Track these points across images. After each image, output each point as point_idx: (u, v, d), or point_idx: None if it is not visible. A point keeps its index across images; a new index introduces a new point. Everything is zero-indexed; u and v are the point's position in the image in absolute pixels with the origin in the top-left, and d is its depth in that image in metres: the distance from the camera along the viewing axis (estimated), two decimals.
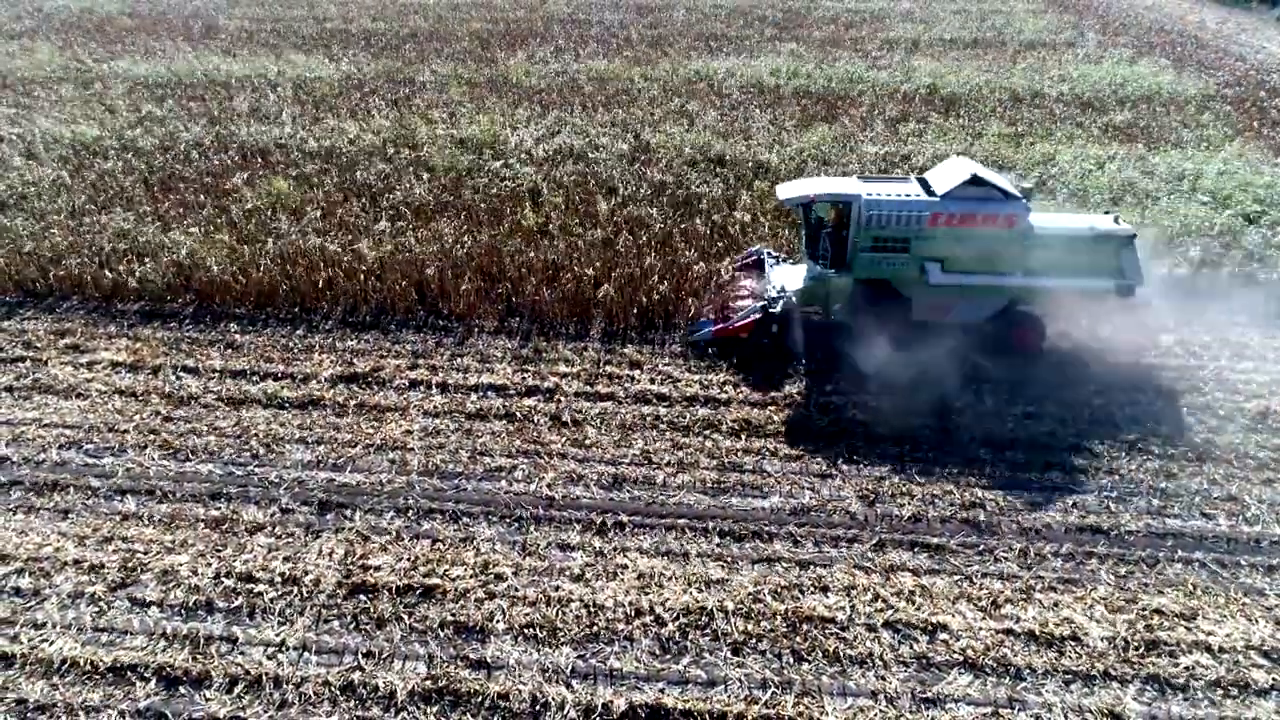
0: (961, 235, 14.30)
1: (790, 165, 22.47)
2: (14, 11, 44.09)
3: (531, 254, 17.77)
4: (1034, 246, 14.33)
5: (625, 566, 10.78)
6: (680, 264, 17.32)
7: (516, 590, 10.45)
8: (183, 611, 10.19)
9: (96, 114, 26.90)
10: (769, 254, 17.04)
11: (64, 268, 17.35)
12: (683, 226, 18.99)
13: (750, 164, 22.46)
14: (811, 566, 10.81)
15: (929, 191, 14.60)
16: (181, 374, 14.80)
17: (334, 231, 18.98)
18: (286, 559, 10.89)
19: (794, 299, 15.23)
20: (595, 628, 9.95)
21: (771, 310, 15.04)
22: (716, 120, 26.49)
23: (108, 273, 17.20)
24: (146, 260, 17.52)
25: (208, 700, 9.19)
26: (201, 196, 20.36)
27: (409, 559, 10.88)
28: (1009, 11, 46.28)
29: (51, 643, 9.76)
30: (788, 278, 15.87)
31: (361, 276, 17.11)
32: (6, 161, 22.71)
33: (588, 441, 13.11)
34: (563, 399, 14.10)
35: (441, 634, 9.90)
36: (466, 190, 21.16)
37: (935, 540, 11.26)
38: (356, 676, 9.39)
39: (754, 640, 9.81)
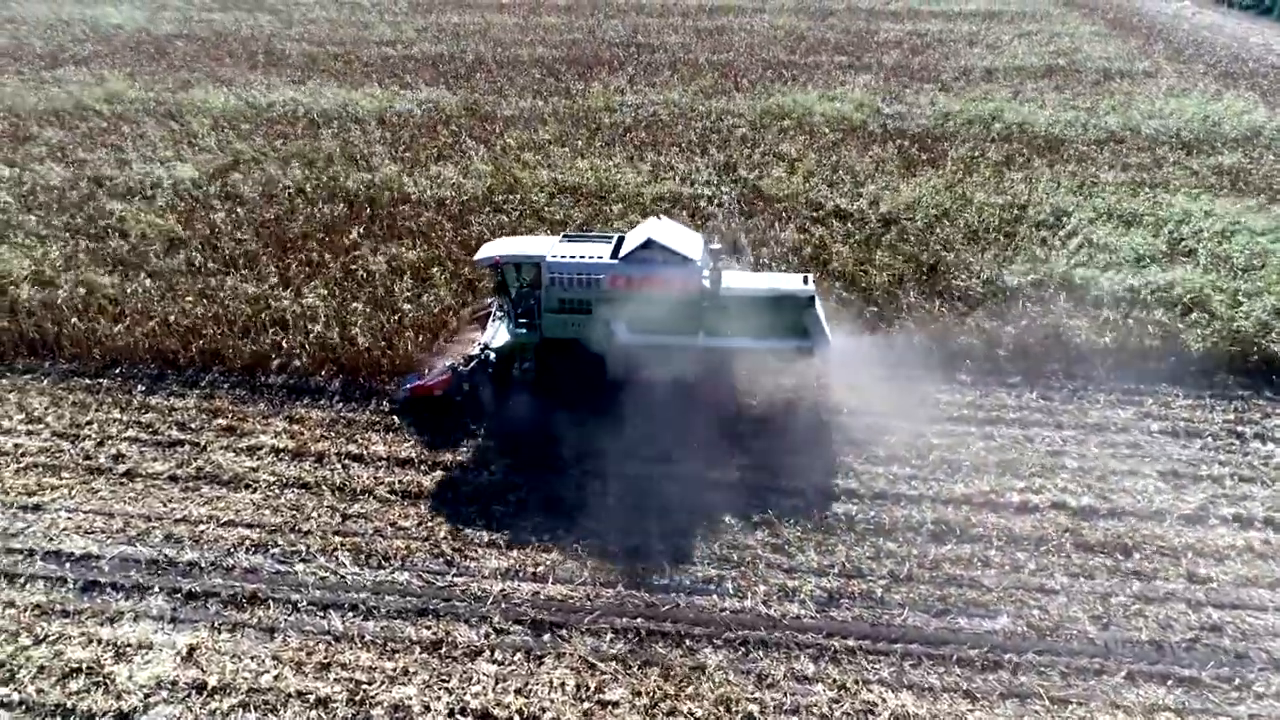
0: (639, 297, 14.32)
1: (911, 217, 21.96)
2: (71, 33, 43.69)
3: None
4: (714, 308, 14.34)
5: (874, 705, 10.34)
6: None
7: None
8: None
9: (187, 153, 26.48)
10: (498, 309, 16.75)
11: (204, 337, 16.94)
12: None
13: (875, 219, 21.95)
14: (1068, 705, 10.36)
15: (616, 253, 14.63)
16: (348, 462, 14.39)
17: (465, 294, 18.55)
18: (518, 691, 10.45)
19: (493, 356, 15.33)
20: None
21: (461, 370, 15.08)
22: (816, 164, 25.97)
23: (251, 345, 16.78)
24: (289, 330, 17.11)
25: None
26: (326, 257, 19.89)
27: (646, 693, 10.43)
28: (1073, 34, 45.73)
29: None
30: (496, 335, 15.88)
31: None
32: (115, 210, 22.30)
33: (789, 548, 12.68)
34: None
35: None
36: None
37: (1185, 672, 10.80)
38: None
39: None
